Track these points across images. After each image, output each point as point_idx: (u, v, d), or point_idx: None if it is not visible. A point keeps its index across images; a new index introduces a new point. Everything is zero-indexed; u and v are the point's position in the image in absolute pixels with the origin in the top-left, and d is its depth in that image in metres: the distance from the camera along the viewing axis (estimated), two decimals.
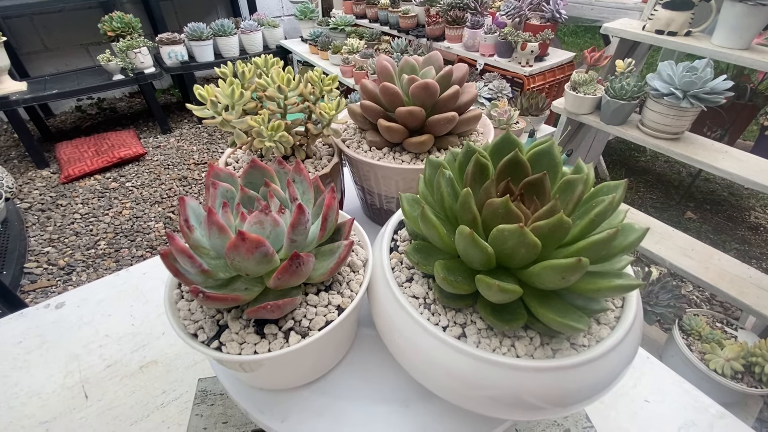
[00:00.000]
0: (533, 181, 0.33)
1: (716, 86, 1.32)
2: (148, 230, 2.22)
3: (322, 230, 0.32)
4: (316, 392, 0.38)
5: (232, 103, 0.40)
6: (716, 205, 2.32)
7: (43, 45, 2.95)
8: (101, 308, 0.62)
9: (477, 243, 0.28)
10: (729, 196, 2.42)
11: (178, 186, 2.51)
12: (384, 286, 0.34)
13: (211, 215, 0.27)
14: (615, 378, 0.30)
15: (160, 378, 0.53)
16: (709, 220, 2.23)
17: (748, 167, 1.39)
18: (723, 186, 2.47)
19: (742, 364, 1.25)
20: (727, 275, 1.42)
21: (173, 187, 2.50)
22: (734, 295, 1.35)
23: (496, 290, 0.27)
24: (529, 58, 2.02)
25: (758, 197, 2.39)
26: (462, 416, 0.37)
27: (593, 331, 0.32)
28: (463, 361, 0.29)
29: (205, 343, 0.31)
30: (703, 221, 2.21)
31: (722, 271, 1.44)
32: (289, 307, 0.30)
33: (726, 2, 1.33)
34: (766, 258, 2.05)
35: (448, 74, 0.45)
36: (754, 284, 1.39)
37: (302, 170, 0.35)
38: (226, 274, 0.31)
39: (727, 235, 2.16)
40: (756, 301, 1.32)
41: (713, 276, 1.41)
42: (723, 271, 1.44)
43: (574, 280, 0.27)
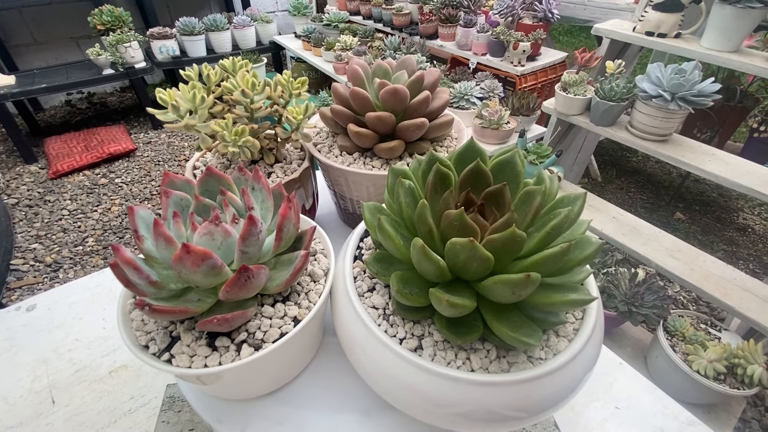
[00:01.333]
0: (493, 191, 0.32)
1: (704, 89, 1.32)
2: None
3: (277, 241, 0.32)
4: (278, 401, 0.38)
5: (195, 107, 0.39)
6: (705, 206, 2.34)
7: (32, 38, 2.90)
8: (73, 311, 0.61)
9: (429, 256, 0.27)
10: (718, 197, 2.43)
11: None
12: (344, 296, 0.34)
13: (157, 226, 0.27)
14: (575, 387, 0.30)
15: (129, 383, 0.52)
16: (698, 221, 2.24)
17: (735, 170, 1.40)
18: (712, 187, 2.49)
19: (724, 365, 1.26)
20: (712, 277, 1.43)
21: None
22: (718, 297, 1.36)
23: (446, 305, 0.27)
24: (521, 58, 2.02)
25: (747, 199, 2.41)
26: (423, 428, 0.37)
27: (551, 344, 0.31)
28: (419, 375, 0.29)
29: (156, 355, 0.31)
30: (692, 222, 2.23)
31: (707, 272, 1.45)
32: (240, 320, 0.30)
33: (715, 5, 1.33)
34: (752, 259, 2.07)
35: (419, 79, 0.45)
36: (738, 286, 1.40)
37: (260, 178, 0.35)
38: (178, 285, 0.30)
39: (715, 236, 2.17)
40: (739, 303, 1.33)
41: (698, 277, 1.42)
42: (708, 272, 1.45)
43: (525, 295, 0.26)
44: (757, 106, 2.14)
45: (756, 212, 2.34)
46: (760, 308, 1.33)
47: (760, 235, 2.18)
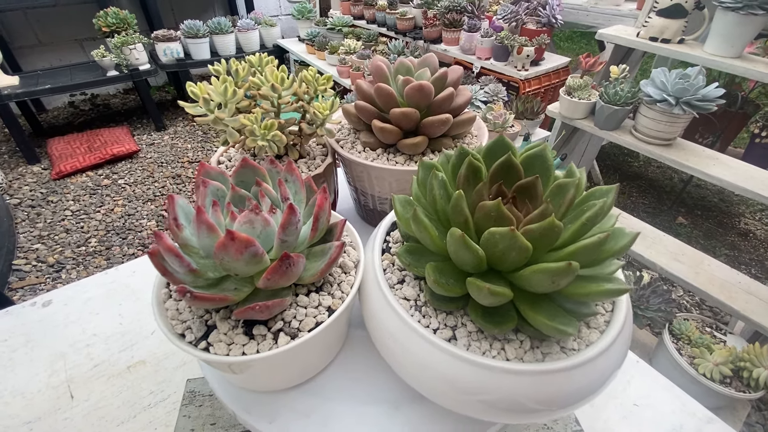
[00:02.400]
0: (525, 184, 0.33)
1: (708, 93, 1.34)
2: (140, 228, 2.20)
3: (313, 231, 0.32)
4: (305, 393, 0.38)
5: (225, 101, 0.40)
6: (707, 211, 2.35)
7: (36, 39, 2.91)
8: (89, 307, 0.61)
9: (468, 245, 0.28)
10: (719, 202, 2.45)
11: (172, 184, 2.49)
12: (375, 287, 0.34)
13: (200, 214, 0.27)
14: (604, 382, 0.30)
15: (147, 378, 0.52)
16: (699, 226, 2.25)
17: (738, 174, 1.41)
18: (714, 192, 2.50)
19: (730, 368, 1.26)
20: (716, 280, 1.43)
21: (166, 184, 2.48)
22: (723, 300, 1.36)
23: (487, 293, 0.27)
24: (525, 62, 2.04)
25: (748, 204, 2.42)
26: (452, 419, 0.37)
27: (583, 335, 0.32)
28: (453, 364, 0.29)
29: (192, 343, 0.31)
30: (694, 226, 2.24)
31: (712, 276, 1.45)
32: (279, 308, 0.30)
33: (718, 11, 1.34)
34: (755, 264, 2.07)
35: (443, 76, 0.45)
36: (743, 289, 1.41)
37: (294, 170, 0.35)
38: (215, 273, 0.31)
39: (717, 240, 2.18)
40: (744, 306, 1.34)
41: (703, 281, 1.42)
42: (713, 276, 1.45)
43: (564, 284, 0.27)
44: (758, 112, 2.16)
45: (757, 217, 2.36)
46: (764, 311, 1.34)
47: (762, 240, 2.19)
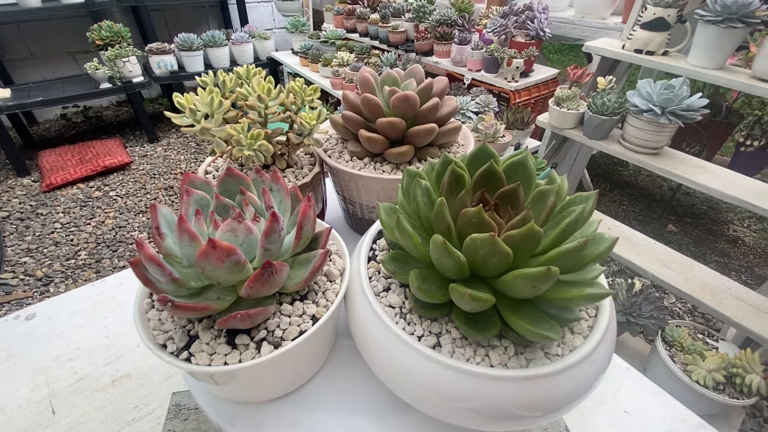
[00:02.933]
0: (507, 191, 0.33)
1: (692, 103, 1.37)
2: (131, 240, 2.18)
3: (297, 239, 0.32)
4: (291, 404, 0.37)
5: (211, 112, 0.40)
6: (696, 219, 2.38)
7: (29, 52, 2.92)
8: (74, 320, 0.60)
9: (450, 252, 0.28)
10: (708, 210, 2.48)
11: (164, 195, 2.48)
12: (360, 295, 0.34)
13: (182, 222, 0.27)
14: (590, 386, 0.31)
15: (132, 392, 0.51)
16: (689, 233, 2.28)
17: (725, 182, 1.43)
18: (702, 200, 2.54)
19: (723, 375, 1.26)
20: (707, 287, 1.45)
21: (159, 196, 2.47)
22: (714, 306, 1.37)
23: (468, 299, 0.27)
24: (515, 74, 2.07)
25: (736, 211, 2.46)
26: (438, 428, 0.36)
27: (567, 341, 0.32)
28: (438, 371, 0.29)
29: (174, 354, 0.30)
30: (684, 234, 2.26)
31: (702, 282, 1.46)
32: (261, 316, 0.30)
33: (699, 24, 1.38)
34: (744, 270, 2.10)
35: (429, 87, 0.46)
36: (733, 296, 1.42)
37: (279, 179, 0.35)
38: (198, 283, 0.30)
39: (707, 247, 2.21)
40: (735, 312, 1.35)
41: (694, 287, 1.44)
42: (703, 282, 1.46)
43: (544, 289, 0.27)
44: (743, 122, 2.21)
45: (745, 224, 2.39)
46: (754, 317, 1.35)
47: (751, 247, 2.22)
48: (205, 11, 3.51)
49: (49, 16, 2.78)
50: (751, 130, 2.10)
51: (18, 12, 2.44)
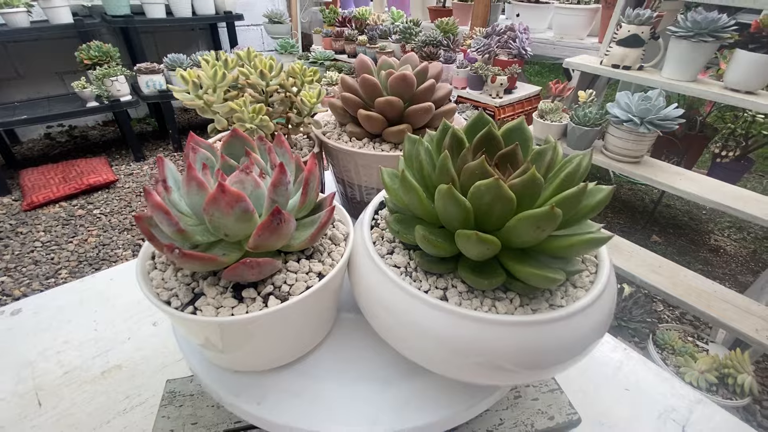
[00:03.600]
0: (506, 152, 0.34)
1: (669, 113, 1.43)
2: (115, 258, 2.13)
3: (303, 195, 0.32)
4: (294, 373, 0.36)
5: (214, 86, 0.41)
6: (678, 229, 2.45)
7: (15, 72, 2.90)
8: (61, 314, 0.58)
9: (456, 198, 0.28)
10: (689, 221, 2.55)
11: None
12: (365, 257, 0.34)
13: (190, 170, 0.27)
14: (594, 337, 0.31)
15: (123, 383, 0.49)
16: (673, 243, 2.33)
17: (703, 187, 1.49)
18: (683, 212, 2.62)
19: (715, 376, 1.27)
20: (694, 290, 1.47)
21: None
22: (702, 309, 1.39)
23: (476, 240, 0.27)
24: (499, 90, 2.15)
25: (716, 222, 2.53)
26: (444, 391, 0.36)
27: (570, 293, 0.32)
28: (445, 320, 0.29)
29: (179, 308, 0.30)
30: (667, 244, 2.32)
31: (689, 286, 1.49)
32: (270, 268, 0.30)
33: (672, 39, 1.47)
34: (728, 278, 2.14)
35: (424, 70, 0.48)
36: (719, 298, 1.45)
37: (283, 142, 0.36)
38: (204, 238, 0.30)
39: (690, 257, 2.26)
40: (722, 314, 1.37)
41: (681, 291, 1.46)
42: (690, 286, 1.49)
43: (549, 231, 0.28)
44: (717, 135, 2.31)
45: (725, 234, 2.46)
46: (741, 318, 1.37)
47: (732, 255, 2.28)
48: (195, 34, 3.57)
49: (37, 37, 2.79)
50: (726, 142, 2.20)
51: (6, 32, 2.45)
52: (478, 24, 2.46)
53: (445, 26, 2.39)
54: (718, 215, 2.59)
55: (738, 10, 1.67)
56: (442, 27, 2.39)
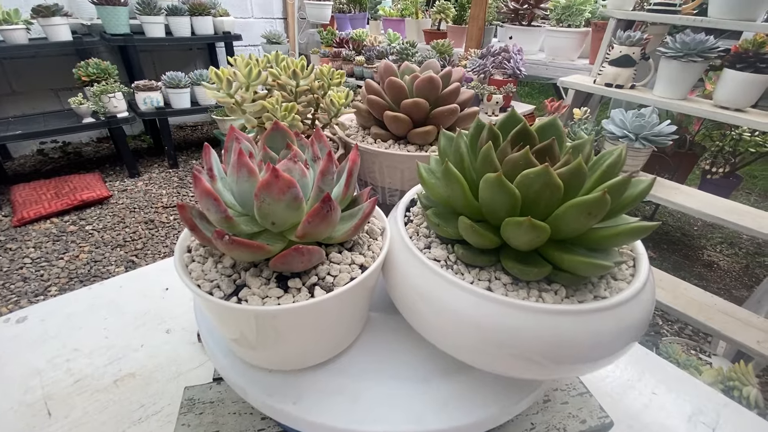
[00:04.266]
0: (543, 147, 0.35)
1: (662, 130, 1.48)
2: (108, 275, 2.07)
3: (346, 187, 0.32)
4: (329, 373, 0.35)
5: (248, 84, 0.41)
6: (672, 245, 2.48)
7: (10, 89, 2.89)
8: (70, 322, 0.56)
9: (505, 186, 0.28)
10: (682, 237, 2.60)
11: (144, 229, 2.40)
12: (404, 251, 0.34)
13: (241, 157, 0.27)
14: (639, 329, 0.31)
15: (137, 391, 0.47)
16: (667, 259, 2.36)
17: (699, 201, 1.52)
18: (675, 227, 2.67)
19: (720, 389, 1.26)
20: (694, 303, 1.49)
21: (138, 230, 2.39)
22: (703, 321, 1.40)
23: (527, 227, 0.27)
24: (495, 109, 2.20)
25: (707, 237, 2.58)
26: (485, 390, 0.35)
27: (612, 285, 0.32)
28: (493, 310, 0.29)
29: (223, 299, 0.29)
30: (662, 260, 2.34)
31: (690, 299, 1.50)
32: (318, 256, 0.29)
33: (663, 59, 1.53)
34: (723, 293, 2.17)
35: (448, 74, 0.49)
36: (720, 311, 1.46)
37: (322, 137, 0.36)
38: (249, 227, 0.30)
39: (685, 272, 2.28)
40: (724, 326, 1.38)
41: (682, 303, 1.47)
42: (690, 299, 1.50)
43: (599, 218, 0.28)
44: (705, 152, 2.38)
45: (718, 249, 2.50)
46: (742, 330, 1.38)
47: (726, 270, 2.32)
48: (193, 53, 3.62)
49: (34, 53, 2.79)
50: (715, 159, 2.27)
51: (4, 49, 2.45)
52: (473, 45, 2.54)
53: (441, 47, 2.46)
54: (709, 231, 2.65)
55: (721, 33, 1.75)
56: (438, 48, 2.46)
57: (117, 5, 2.71)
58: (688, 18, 1.56)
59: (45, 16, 2.50)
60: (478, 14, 2.44)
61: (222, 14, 3.19)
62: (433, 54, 2.39)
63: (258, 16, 3.79)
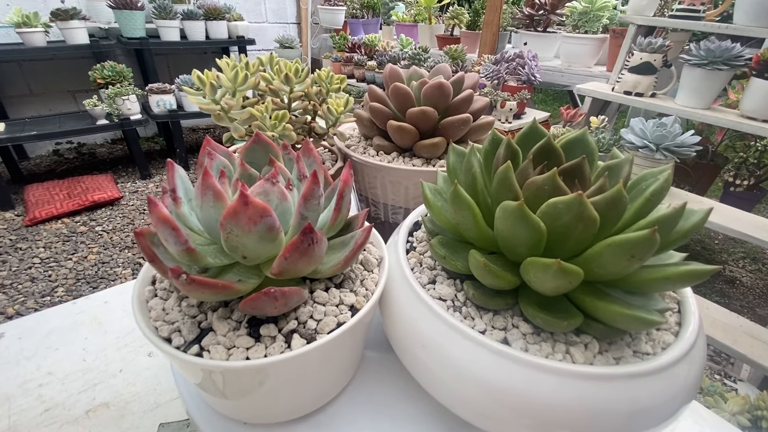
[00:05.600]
0: (570, 167, 0.29)
1: (685, 140, 1.40)
2: (114, 276, 2.07)
3: (336, 211, 0.27)
4: (315, 428, 0.30)
5: (234, 89, 0.37)
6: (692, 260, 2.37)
7: (28, 90, 2.94)
8: (49, 340, 0.52)
9: (527, 218, 0.23)
10: (702, 251, 2.49)
11: None
12: (404, 286, 0.29)
13: (206, 177, 0.22)
14: (692, 389, 0.25)
15: (110, 425, 0.43)
16: None
17: (724, 216, 1.44)
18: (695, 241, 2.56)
19: (747, 418, 1.18)
20: (718, 324, 1.40)
21: None
22: (728, 344, 1.32)
23: (556, 272, 0.22)
24: (508, 116, 2.14)
25: (729, 252, 2.47)
26: None
27: (654, 337, 0.27)
28: (508, 369, 0.24)
29: (180, 348, 0.24)
30: None
31: (713, 319, 1.42)
32: (296, 298, 0.24)
33: (686, 67, 1.46)
34: (746, 311, 2.06)
35: (460, 80, 0.44)
36: (746, 333, 1.37)
37: (312, 150, 0.31)
38: (216, 260, 0.25)
39: (707, 288, 2.18)
40: (750, 350, 1.29)
41: (706, 324, 1.38)
42: (714, 319, 1.42)
43: (645, 260, 0.22)
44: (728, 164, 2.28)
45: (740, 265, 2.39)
46: None
47: (749, 287, 2.20)
48: (207, 57, 3.63)
49: (52, 56, 2.83)
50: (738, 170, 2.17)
51: (22, 51, 2.48)
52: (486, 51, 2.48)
53: (454, 53, 2.41)
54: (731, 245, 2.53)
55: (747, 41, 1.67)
56: (451, 53, 2.41)
57: (134, 9, 2.74)
58: (712, 24, 1.49)
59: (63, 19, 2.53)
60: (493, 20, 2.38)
61: (236, 19, 3.21)
62: (445, 59, 2.34)
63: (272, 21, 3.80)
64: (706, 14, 1.54)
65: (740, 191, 2.26)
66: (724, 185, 2.32)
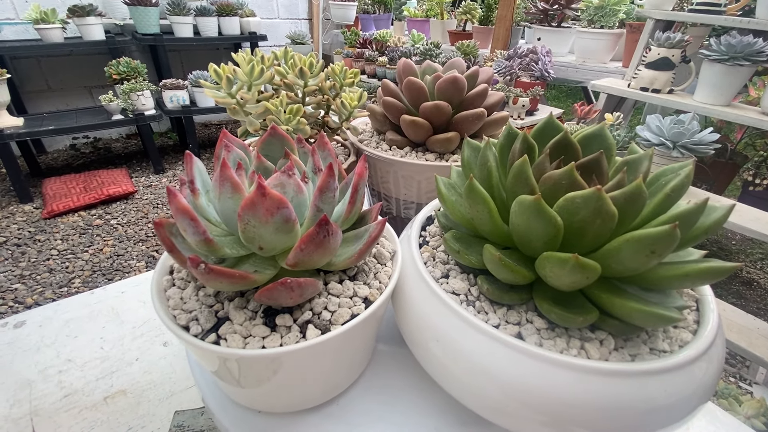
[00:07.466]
0: (588, 162, 0.29)
1: (703, 138, 1.37)
2: (129, 269, 2.11)
3: (350, 204, 0.28)
4: (327, 418, 0.31)
5: (250, 83, 0.37)
6: None
7: (46, 85, 3.00)
8: (68, 329, 0.53)
9: (543, 212, 0.23)
10: (719, 251, 2.43)
11: None
12: (417, 280, 0.29)
13: (224, 169, 0.23)
14: (709, 388, 0.25)
15: (127, 411, 0.44)
16: None
17: (743, 216, 1.40)
18: (711, 241, 2.50)
19: (762, 422, 1.15)
20: (734, 326, 1.37)
21: None
22: (744, 347, 1.29)
23: (573, 267, 0.22)
24: (521, 112, 2.11)
25: (747, 253, 2.41)
26: None
27: (671, 334, 0.26)
28: (522, 363, 0.24)
29: (198, 336, 0.25)
30: None
31: (729, 321, 1.39)
32: (311, 289, 0.25)
33: (705, 63, 1.42)
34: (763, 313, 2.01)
35: (475, 74, 0.43)
36: (762, 335, 1.34)
37: (326, 143, 0.31)
38: (234, 251, 0.25)
39: (722, 289, 2.13)
40: (766, 353, 1.27)
41: None
42: (730, 321, 1.39)
43: (665, 255, 0.22)
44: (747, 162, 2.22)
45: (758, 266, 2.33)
46: None
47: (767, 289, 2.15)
48: (219, 53, 3.66)
49: (69, 52, 2.89)
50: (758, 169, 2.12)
51: (41, 47, 2.53)
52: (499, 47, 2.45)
53: (466, 48, 2.39)
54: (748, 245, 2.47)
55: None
56: (463, 49, 2.39)
57: (148, 6, 2.78)
58: (734, 19, 1.45)
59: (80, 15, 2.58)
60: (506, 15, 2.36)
61: (248, 15, 3.22)
62: (457, 55, 2.32)
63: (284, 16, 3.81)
64: (727, 8, 1.49)
65: (760, 191, 2.20)
66: (743, 184, 2.27)
